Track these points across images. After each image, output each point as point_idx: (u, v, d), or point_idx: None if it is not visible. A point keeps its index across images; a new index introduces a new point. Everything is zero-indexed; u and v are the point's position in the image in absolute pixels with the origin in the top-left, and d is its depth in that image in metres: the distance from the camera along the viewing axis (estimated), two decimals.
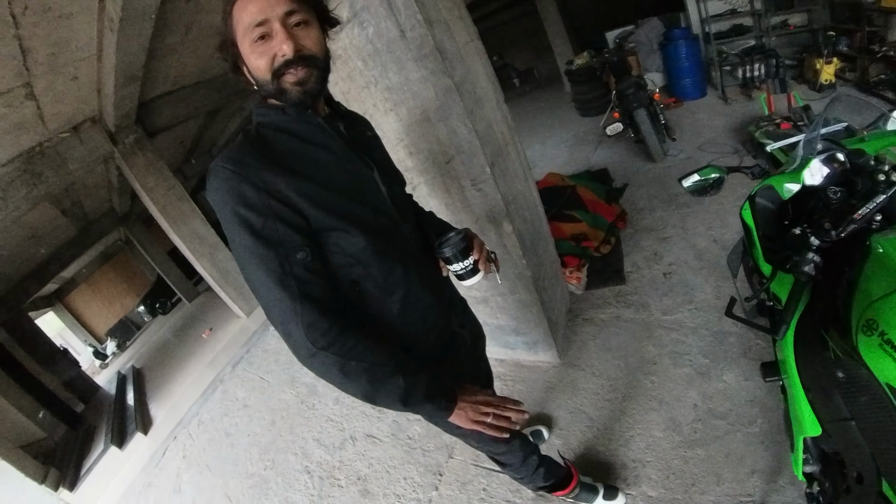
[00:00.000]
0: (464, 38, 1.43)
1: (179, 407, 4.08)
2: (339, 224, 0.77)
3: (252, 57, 0.73)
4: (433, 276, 0.96)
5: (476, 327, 1.17)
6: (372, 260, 0.81)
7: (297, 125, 0.79)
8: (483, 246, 0.96)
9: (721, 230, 2.39)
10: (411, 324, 0.89)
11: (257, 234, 0.70)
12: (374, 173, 0.86)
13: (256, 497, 2.37)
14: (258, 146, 0.75)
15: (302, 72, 0.73)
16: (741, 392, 1.55)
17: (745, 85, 4.12)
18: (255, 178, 0.70)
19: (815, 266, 0.81)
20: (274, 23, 0.70)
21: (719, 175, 1.21)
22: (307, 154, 0.78)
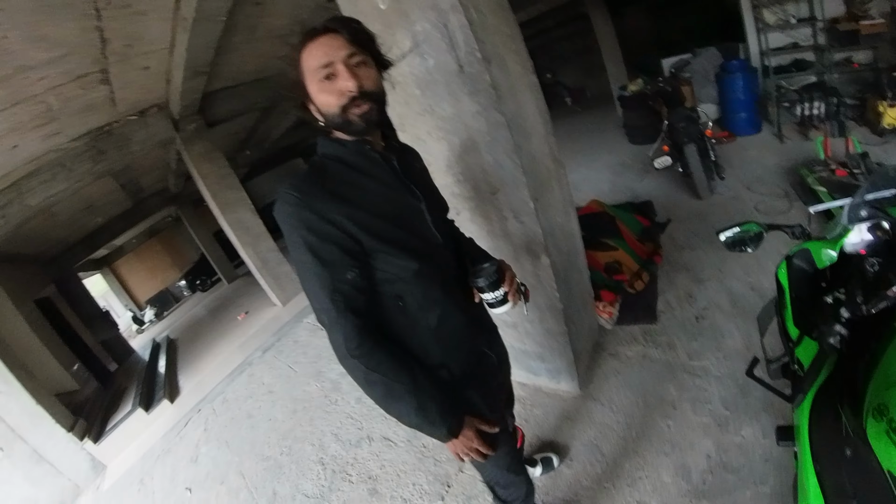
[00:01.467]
0: (518, 72, 1.48)
1: (207, 382, 4.31)
2: (387, 248, 0.86)
3: (321, 95, 0.84)
4: (467, 299, 1.04)
5: (502, 351, 1.22)
6: (414, 279, 0.90)
7: (355, 157, 0.90)
8: (514, 278, 1.03)
9: (759, 277, 2.32)
10: (444, 339, 0.96)
11: (315, 254, 0.81)
12: (421, 204, 0.95)
13: (269, 479, 2.49)
14: (321, 177, 0.86)
15: (365, 106, 0.84)
16: (757, 449, 1.51)
17: (802, 123, 3.93)
18: (316, 206, 0.81)
19: (841, 339, 0.79)
20: (338, 64, 0.82)
21: (759, 231, 1.20)
22: (362, 185, 0.88)
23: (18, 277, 5.61)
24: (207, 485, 2.76)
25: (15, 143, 3.21)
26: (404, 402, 0.87)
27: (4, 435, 3.49)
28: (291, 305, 5.27)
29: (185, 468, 3.08)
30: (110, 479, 3.57)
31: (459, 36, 1.27)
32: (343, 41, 0.82)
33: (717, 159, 3.52)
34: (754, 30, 4.54)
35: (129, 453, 3.79)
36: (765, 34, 4.44)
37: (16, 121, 2.92)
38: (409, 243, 0.90)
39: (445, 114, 1.41)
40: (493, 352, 1.12)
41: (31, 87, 2.67)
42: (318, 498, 2.18)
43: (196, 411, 3.81)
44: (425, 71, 1.38)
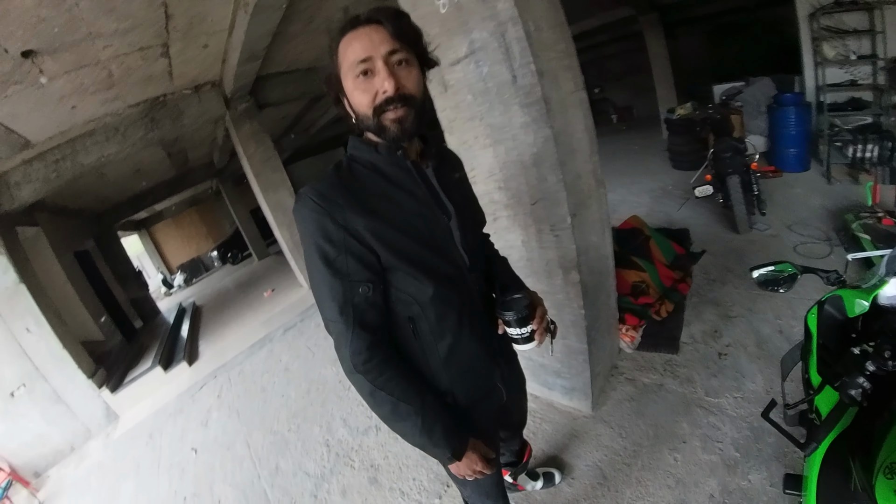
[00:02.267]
0: (569, 88, 1.50)
1: (226, 352, 4.47)
2: (406, 268, 0.83)
3: (356, 92, 0.77)
4: (485, 327, 0.98)
5: (517, 383, 1.19)
6: (430, 304, 0.86)
7: (386, 166, 0.84)
8: (544, 316, 0.97)
9: (790, 321, 2.24)
10: (454, 368, 0.92)
11: (330, 264, 0.78)
12: (450, 221, 0.89)
13: (274, 453, 2.58)
14: (346, 183, 0.81)
15: (401, 111, 0.76)
16: (762, 496, 1.47)
17: (852, 166, 3.73)
18: (337, 214, 0.77)
19: (862, 392, 0.77)
20: (377, 61, 0.74)
21: (793, 272, 1.18)
22: (390, 196, 0.83)
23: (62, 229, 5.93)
24: (213, 449, 2.87)
25: (75, 103, 3.41)
26: (409, 423, 0.85)
27: (29, 373, 3.73)
28: None
29: (195, 430, 3.22)
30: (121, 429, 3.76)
31: (515, 48, 1.30)
32: (386, 35, 0.75)
33: (759, 194, 3.41)
34: (812, 63, 4.34)
35: (143, 408, 3.98)
36: (822, 69, 4.24)
37: (78, 83, 3.11)
38: (432, 265, 0.86)
39: (494, 122, 1.44)
40: (506, 385, 1.07)
41: (97, 54, 2.84)
42: (319, 478, 2.24)
43: (212, 377, 3.96)
44: (479, 78, 1.41)
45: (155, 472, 2.89)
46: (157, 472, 2.88)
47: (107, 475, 3.12)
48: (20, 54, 2.40)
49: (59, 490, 3.23)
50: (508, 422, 1.28)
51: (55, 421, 3.80)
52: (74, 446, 3.80)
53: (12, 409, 3.65)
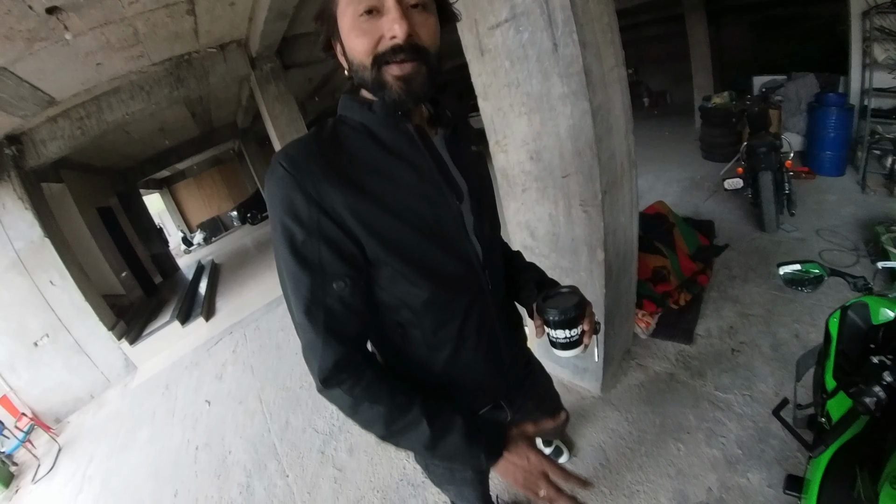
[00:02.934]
0: (610, 64, 1.44)
1: (243, 309, 4.60)
2: (398, 265, 0.65)
3: (352, 34, 0.59)
4: (495, 337, 0.80)
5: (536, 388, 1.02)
6: (424, 310, 0.69)
7: (381, 129, 0.66)
8: (593, 317, 0.76)
9: (807, 328, 2.19)
10: (448, 385, 0.77)
11: (296, 250, 0.60)
12: (461, 204, 0.71)
13: (285, 408, 2.67)
14: (327, 147, 0.63)
15: (409, 66, 0.58)
16: (759, 496, 1.48)
17: (890, 177, 3.56)
18: (310, 186, 0.59)
19: (877, 402, 0.77)
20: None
21: (821, 274, 1.16)
22: (383, 168, 0.64)
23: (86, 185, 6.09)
24: (227, 402, 2.99)
25: (100, 60, 3.42)
26: (412, 432, 0.64)
27: (53, 324, 3.91)
28: None
29: (209, 383, 3.35)
30: (139, 380, 3.94)
31: (559, 15, 1.25)
32: None
33: (790, 194, 3.31)
34: (860, 64, 4.10)
35: (160, 360, 4.14)
36: (870, 71, 4.00)
37: (104, 40, 3.11)
38: (432, 262, 0.67)
39: (532, 91, 1.40)
40: (515, 406, 0.90)
41: (122, 10, 2.83)
42: (328, 435, 2.32)
43: (228, 333, 4.09)
44: (518, 44, 1.36)
45: (169, 421, 3.03)
46: (171, 421, 3.02)
47: (123, 423, 3.29)
48: (45, 11, 2.39)
49: (79, 435, 3.42)
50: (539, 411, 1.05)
51: (76, 370, 4.01)
52: (94, 395, 4.02)
53: (36, 358, 3.85)
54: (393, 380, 0.66)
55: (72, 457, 3.10)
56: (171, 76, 4.19)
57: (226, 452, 2.48)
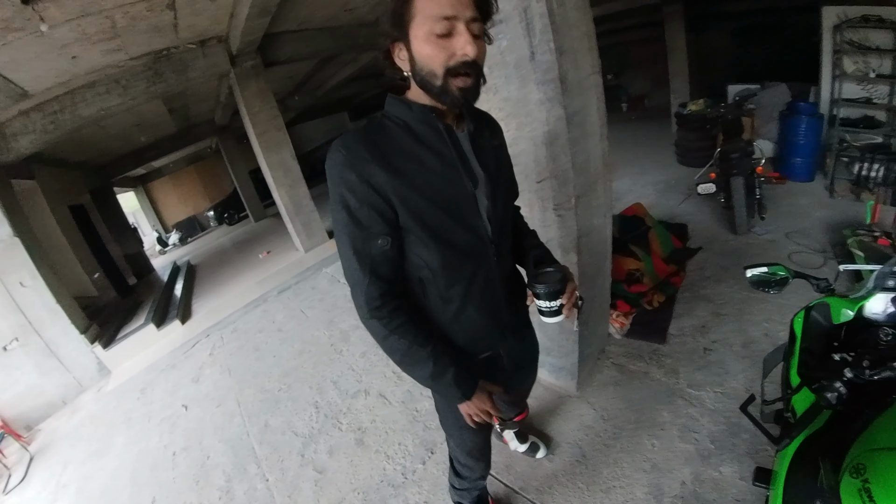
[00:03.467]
0: (586, 71, 1.48)
1: (220, 311, 4.50)
2: (419, 232, 0.83)
3: (428, 46, 0.73)
4: (498, 300, 0.98)
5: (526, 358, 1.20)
6: (440, 270, 0.88)
7: (416, 124, 0.83)
8: (574, 291, 0.95)
9: (777, 326, 2.28)
10: (459, 333, 0.96)
11: (351, 214, 0.80)
12: (476, 189, 0.88)
13: (264, 410, 2.64)
14: (374, 137, 0.81)
15: (471, 79, 0.76)
16: (732, 488, 1.54)
17: (857, 183, 3.72)
18: (360, 167, 0.78)
19: (838, 397, 0.81)
20: (460, 23, 0.72)
21: (786, 276, 1.21)
22: (416, 155, 0.82)
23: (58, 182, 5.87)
24: (204, 405, 2.93)
25: (77, 53, 3.32)
26: (420, 367, 0.89)
27: (22, 326, 3.75)
28: (314, 253, 5.43)
29: (186, 386, 3.27)
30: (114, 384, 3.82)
31: (537, 23, 1.28)
32: (471, 1, 0.73)
33: (762, 198, 3.44)
34: (830, 75, 4.30)
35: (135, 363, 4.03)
36: (840, 82, 4.21)
37: (81, 32, 3.03)
38: (446, 232, 0.86)
39: (510, 96, 1.43)
40: (510, 357, 1.08)
41: (101, 2, 2.76)
42: (307, 437, 2.31)
43: (205, 335, 4.01)
44: (497, 50, 1.39)
45: (146, 425, 2.95)
46: (147, 425, 2.94)
47: (98, 427, 3.19)
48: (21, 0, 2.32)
49: (51, 442, 3.29)
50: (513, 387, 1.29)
51: (47, 374, 3.85)
52: (66, 400, 3.86)
53: (5, 362, 3.68)
54: (418, 325, 0.88)
55: (45, 464, 2.99)
56: (149, 71, 4.09)
57: (204, 456, 2.43)
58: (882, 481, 0.63)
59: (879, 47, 4.00)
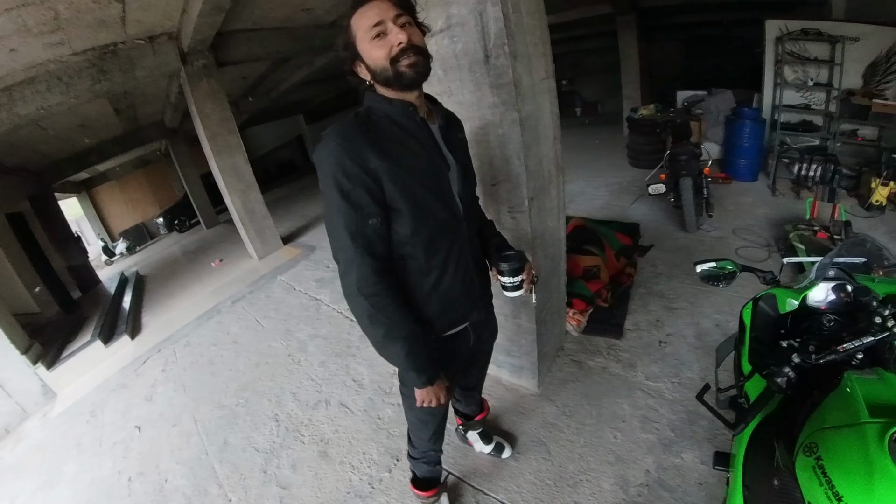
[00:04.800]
0: (540, 75, 1.51)
1: (172, 324, 4.25)
2: (408, 209, 0.93)
3: (373, 52, 0.89)
4: (469, 273, 1.11)
5: (487, 336, 1.34)
6: (421, 246, 0.99)
7: (399, 117, 0.96)
8: (531, 270, 1.16)
9: (728, 317, 2.42)
10: (435, 303, 1.06)
11: (346, 196, 0.88)
12: (450, 172, 1.02)
13: (222, 427, 2.50)
14: (364, 126, 0.92)
15: (414, 57, 0.89)
16: (694, 473, 1.61)
17: (797, 182, 4.00)
18: (354, 152, 0.88)
19: (787, 381, 0.86)
20: (388, 23, 0.88)
21: (733, 270, 1.28)
22: (402, 142, 0.94)
23: None
24: (159, 425, 2.75)
25: (14, 46, 3.07)
26: (399, 346, 0.97)
27: None
28: (269, 260, 5.24)
29: (139, 405, 3.06)
30: (60, 407, 3.49)
31: (492, 27, 1.29)
32: (391, 4, 0.89)
33: (709, 197, 3.63)
34: (772, 83, 4.66)
35: (83, 384, 3.71)
36: (781, 90, 4.57)
37: (21, 23, 2.80)
38: (431, 208, 0.97)
39: (464, 100, 1.43)
40: (476, 332, 1.22)
41: None
42: (268, 453, 2.21)
43: (156, 351, 3.77)
44: (452, 54, 1.39)
45: (97, 450, 2.72)
46: (99, 450, 2.71)
47: (46, 456, 2.90)
48: None
49: None
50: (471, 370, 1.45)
51: None
52: (9, 428, 3.48)
53: None
54: (400, 308, 0.96)
55: None
56: (93, 67, 3.81)
57: (162, 480, 2.27)
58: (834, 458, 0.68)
59: (817, 58, 4.38)
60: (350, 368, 2.71)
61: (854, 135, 4.30)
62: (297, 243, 5.68)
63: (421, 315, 1.05)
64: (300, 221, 6.79)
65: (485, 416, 1.78)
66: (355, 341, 2.98)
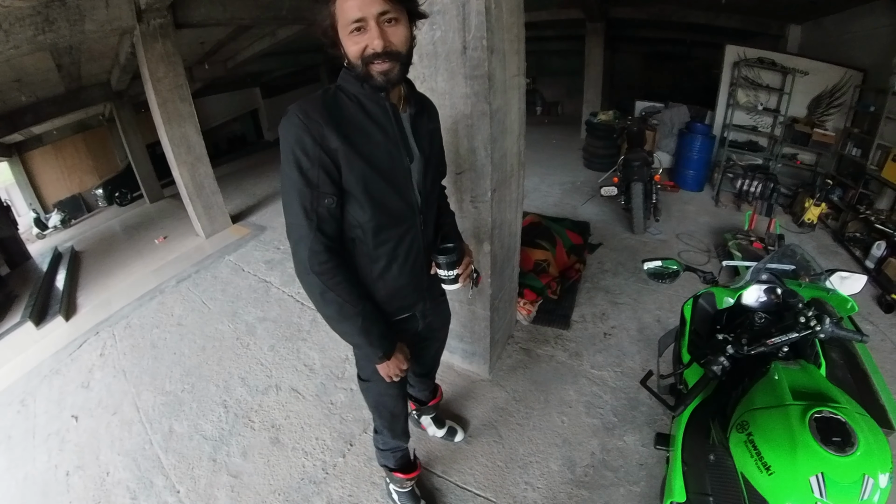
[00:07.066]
0: (513, 71, 1.56)
1: (111, 304, 3.96)
2: (360, 195, 0.93)
3: (349, 44, 0.87)
4: (420, 264, 1.11)
5: (437, 323, 1.32)
6: (371, 232, 0.99)
7: (367, 100, 0.93)
8: (469, 265, 1.15)
9: (667, 314, 2.62)
10: (381, 290, 1.07)
11: (303, 173, 0.88)
12: (411, 164, 1.00)
13: (166, 414, 2.37)
14: (329, 106, 0.90)
15: (387, 64, 0.86)
16: (635, 454, 1.75)
17: (738, 196, 4.37)
18: (316, 131, 0.87)
19: (722, 369, 0.98)
20: (370, 20, 0.83)
21: (677, 269, 1.41)
22: (364, 127, 0.93)
23: None
24: (98, 413, 2.55)
25: None
26: (351, 322, 0.98)
27: None
28: (216, 239, 4.98)
29: (75, 393, 2.82)
30: None
31: (473, 19, 1.31)
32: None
33: (657, 203, 3.88)
34: (725, 103, 5.05)
35: (12, 369, 3.36)
36: (732, 110, 4.95)
37: None
38: (383, 197, 0.96)
39: (437, 88, 1.45)
40: (425, 319, 1.23)
41: None
42: (217, 440, 2.12)
43: (94, 333, 3.49)
44: (430, 41, 1.40)
45: (30, 443, 2.47)
46: (32, 443, 2.47)
47: None
48: None
49: None
50: (423, 356, 1.46)
51: None
52: None
53: None
54: (352, 285, 0.97)
55: None
56: (38, 16, 3.38)
57: (103, 473, 2.10)
58: (762, 433, 0.79)
59: (769, 85, 4.79)
60: (301, 353, 2.66)
61: (794, 158, 4.75)
62: (247, 222, 5.44)
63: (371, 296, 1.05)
64: (250, 200, 6.49)
65: (438, 402, 1.82)
66: (306, 325, 2.93)
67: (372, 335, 1.01)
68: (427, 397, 1.76)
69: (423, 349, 1.40)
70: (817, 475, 0.69)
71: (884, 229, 3.16)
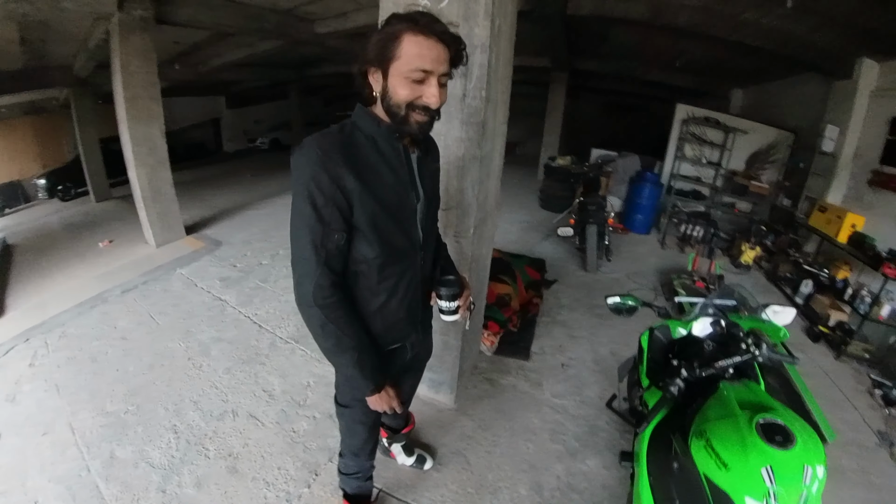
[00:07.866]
0: (500, 120, 1.71)
1: (45, 308, 3.60)
2: (369, 233, 0.97)
3: (400, 85, 0.87)
4: (417, 298, 1.16)
5: (423, 355, 1.39)
6: (376, 268, 1.02)
7: (382, 141, 0.97)
8: (469, 297, 1.22)
9: (620, 347, 2.83)
10: (378, 323, 1.10)
11: (316, 209, 0.90)
12: (418, 203, 1.06)
13: (107, 438, 2.14)
14: (347, 146, 0.93)
15: (427, 117, 0.92)
16: (598, 477, 1.87)
17: (682, 239, 4.88)
18: (333, 170, 0.89)
19: (678, 389, 1.14)
20: (434, 76, 0.87)
21: (635, 304, 1.60)
22: (377, 167, 0.96)
23: None
24: (25, 432, 2.25)
25: None
26: (348, 355, 1.02)
27: None
28: (168, 249, 4.70)
29: None
30: None
31: (476, 71, 1.44)
32: (447, 57, 0.88)
33: (609, 244, 4.22)
34: (673, 155, 5.71)
35: None
36: (679, 162, 5.60)
37: None
38: (390, 236, 1.01)
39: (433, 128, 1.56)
40: (413, 351, 1.27)
41: None
42: (167, 469, 1.95)
43: (23, 340, 3.13)
44: None
45: None
46: None
47: None
48: None
49: None
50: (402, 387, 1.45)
51: None
52: None
53: None
54: (352, 319, 1.01)
55: None
56: None
57: (31, 501, 1.86)
58: (718, 438, 0.94)
59: (713, 141, 5.48)
60: (259, 377, 2.54)
61: (733, 207, 5.40)
62: (202, 235, 5.19)
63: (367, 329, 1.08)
64: (207, 211, 6.19)
65: (410, 430, 1.85)
66: (264, 349, 2.79)
67: (366, 368, 1.04)
68: (400, 425, 1.79)
69: (406, 379, 1.44)
70: (766, 467, 0.84)
71: (810, 270, 3.62)
